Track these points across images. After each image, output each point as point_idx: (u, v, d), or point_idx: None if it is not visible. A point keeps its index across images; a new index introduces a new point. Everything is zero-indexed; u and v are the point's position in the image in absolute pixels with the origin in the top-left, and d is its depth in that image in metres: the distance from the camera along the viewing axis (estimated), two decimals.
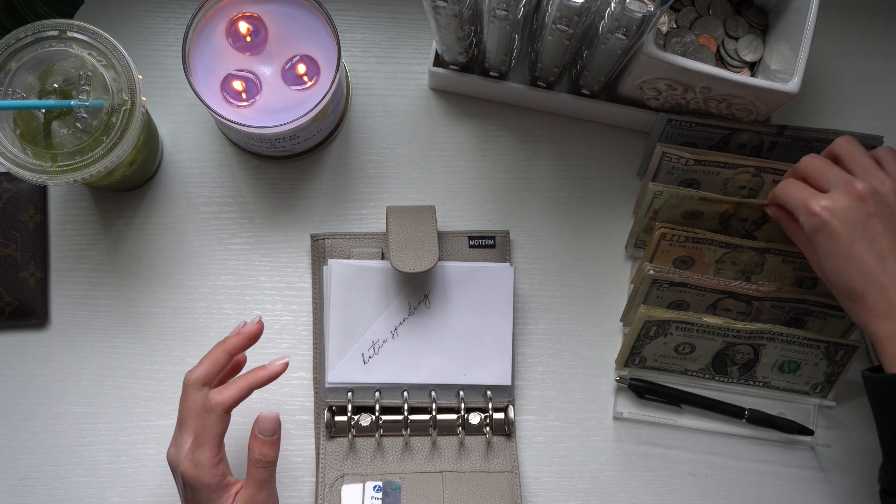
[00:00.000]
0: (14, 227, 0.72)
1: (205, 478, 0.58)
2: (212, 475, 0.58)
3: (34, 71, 0.63)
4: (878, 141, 0.72)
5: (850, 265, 0.59)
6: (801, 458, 0.74)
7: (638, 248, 0.75)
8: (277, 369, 0.61)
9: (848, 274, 0.59)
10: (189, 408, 0.60)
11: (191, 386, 0.60)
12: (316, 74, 0.68)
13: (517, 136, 0.77)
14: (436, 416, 0.70)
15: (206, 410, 0.58)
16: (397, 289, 0.71)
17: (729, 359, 0.72)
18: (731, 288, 0.70)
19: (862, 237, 0.58)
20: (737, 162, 0.71)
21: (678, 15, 0.74)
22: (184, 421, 0.60)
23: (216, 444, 0.59)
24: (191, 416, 0.60)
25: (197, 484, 0.58)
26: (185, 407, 0.60)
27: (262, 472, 0.59)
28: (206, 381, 0.61)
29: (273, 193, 0.75)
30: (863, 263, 0.58)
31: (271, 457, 0.59)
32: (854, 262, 0.59)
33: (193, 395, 0.60)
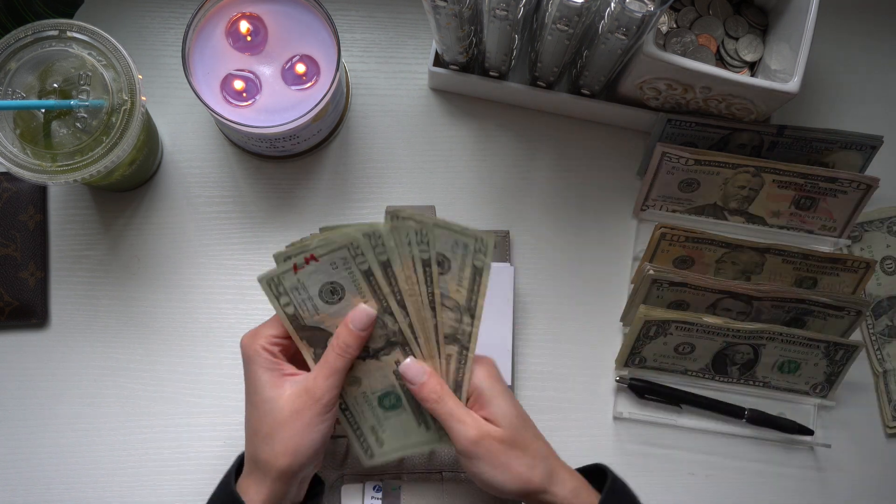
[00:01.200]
0: (14, 227, 0.72)
1: (251, 348, 0.57)
2: (260, 349, 0.57)
3: (34, 71, 0.63)
4: (878, 141, 0.72)
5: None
6: (800, 458, 0.74)
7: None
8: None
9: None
10: None
11: None
12: (316, 74, 0.68)
13: (517, 136, 0.77)
14: None
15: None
16: None
17: (729, 359, 0.72)
18: (731, 288, 0.70)
19: None
20: (737, 162, 0.71)
21: (678, 15, 0.74)
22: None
23: (280, 328, 0.58)
24: None
25: (245, 355, 0.57)
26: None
27: (337, 359, 0.57)
28: None
29: (273, 193, 0.75)
30: None
31: (352, 349, 0.57)
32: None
33: None
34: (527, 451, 0.58)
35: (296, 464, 0.56)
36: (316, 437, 0.56)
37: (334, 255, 0.56)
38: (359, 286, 0.57)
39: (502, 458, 0.57)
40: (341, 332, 0.57)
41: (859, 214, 0.74)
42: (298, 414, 0.56)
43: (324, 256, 0.56)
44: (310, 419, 0.56)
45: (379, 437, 0.62)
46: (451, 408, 0.58)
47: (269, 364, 0.57)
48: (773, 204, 0.74)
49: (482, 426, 0.57)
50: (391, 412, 0.62)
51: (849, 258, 0.72)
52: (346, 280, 0.57)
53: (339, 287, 0.58)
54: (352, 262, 0.57)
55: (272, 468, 0.56)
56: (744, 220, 0.75)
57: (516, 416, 0.58)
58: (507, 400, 0.58)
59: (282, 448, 0.56)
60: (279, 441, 0.56)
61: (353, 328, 0.57)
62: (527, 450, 0.58)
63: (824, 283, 0.73)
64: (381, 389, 0.61)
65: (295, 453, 0.56)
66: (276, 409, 0.56)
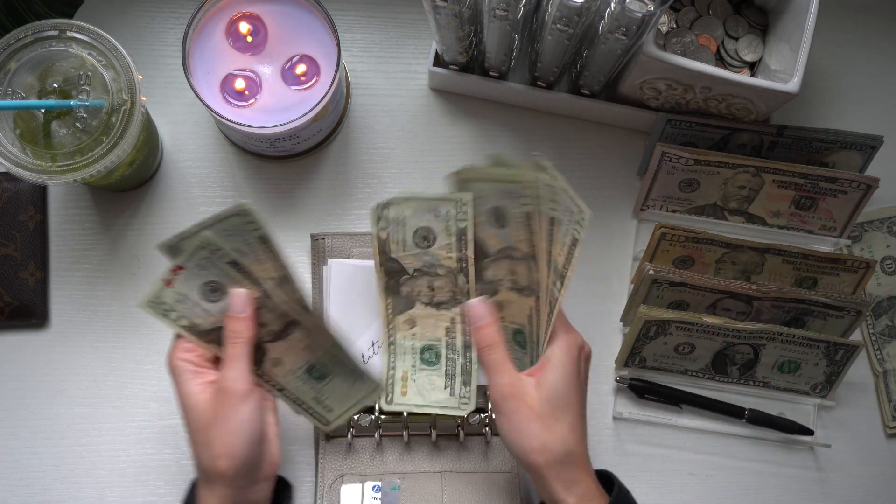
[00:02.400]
0: (14, 227, 0.72)
1: (171, 363, 0.59)
2: (180, 361, 0.58)
3: (34, 71, 0.63)
4: (878, 141, 0.72)
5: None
6: (800, 458, 0.74)
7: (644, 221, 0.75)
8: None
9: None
10: None
11: None
12: (316, 74, 0.68)
13: (517, 136, 0.77)
14: (435, 417, 0.70)
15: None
16: None
17: (729, 359, 0.72)
18: (731, 288, 0.70)
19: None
20: (737, 162, 0.71)
21: (678, 15, 0.74)
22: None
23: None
24: None
25: (170, 371, 0.59)
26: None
27: (233, 347, 0.58)
28: None
29: (273, 193, 0.75)
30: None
31: (242, 333, 0.58)
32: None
33: None
34: (549, 431, 0.57)
35: (235, 464, 0.56)
36: (245, 430, 0.57)
37: (196, 258, 0.59)
38: (231, 276, 0.60)
39: (522, 423, 0.57)
40: (227, 322, 0.59)
41: (859, 214, 0.74)
42: (219, 413, 0.57)
43: (188, 262, 0.59)
44: (230, 415, 0.56)
45: (325, 404, 0.65)
46: (496, 359, 0.60)
47: (192, 374, 0.58)
48: (773, 204, 0.74)
49: (518, 386, 0.58)
50: (321, 382, 0.64)
51: (849, 258, 0.72)
52: (218, 275, 0.60)
53: (217, 284, 0.60)
54: (213, 257, 0.59)
55: (215, 474, 0.56)
56: (744, 220, 0.75)
57: (560, 397, 0.58)
58: (562, 379, 0.58)
59: (217, 451, 0.56)
60: (213, 445, 0.56)
61: (234, 313, 0.59)
62: (550, 431, 0.57)
63: (824, 283, 0.73)
64: (428, 339, 0.66)
65: (231, 454, 0.56)
66: (202, 414, 0.57)
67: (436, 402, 0.66)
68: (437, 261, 0.65)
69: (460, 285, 0.66)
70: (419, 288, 0.66)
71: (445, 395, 0.66)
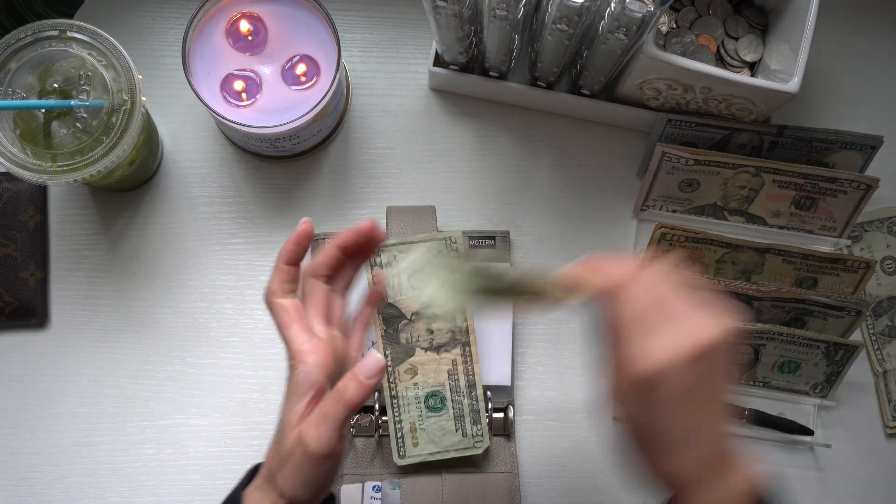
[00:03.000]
0: (14, 227, 0.72)
1: (298, 366, 0.51)
2: (302, 360, 0.51)
3: (34, 71, 0.63)
4: (878, 141, 0.72)
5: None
6: (801, 458, 0.74)
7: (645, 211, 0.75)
8: (299, 232, 0.56)
9: None
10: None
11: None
12: (316, 74, 0.68)
13: (517, 136, 0.77)
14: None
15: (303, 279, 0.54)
16: None
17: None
18: (731, 288, 0.70)
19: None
20: (737, 162, 0.71)
21: (678, 15, 0.74)
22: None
23: (297, 330, 0.52)
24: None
25: (292, 372, 0.51)
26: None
27: (334, 406, 0.49)
28: (314, 273, 0.55)
29: (273, 193, 0.75)
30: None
31: (351, 397, 0.49)
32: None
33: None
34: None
35: (305, 496, 0.50)
36: (319, 482, 0.50)
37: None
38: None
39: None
40: (347, 379, 0.51)
41: (859, 214, 0.74)
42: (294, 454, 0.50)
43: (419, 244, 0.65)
44: (302, 466, 0.50)
45: (416, 436, 0.67)
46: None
47: (301, 328, 0.52)
48: (773, 204, 0.74)
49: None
50: (433, 413, 0.66)
51: (849, 258, 0.72)
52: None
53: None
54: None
55: (284, 491, 0.50)
56: (744, 220, 0.74)
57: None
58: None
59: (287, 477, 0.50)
60: (289, 469, 0.50)
61: (362, 375, 0.50)
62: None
63: (824, 283, 0.73)
64: (431, 386, 0.67)
65: (304, 485, 0.50)
66: (288, 432, 0.50)
67: (449, 445, 0.68)
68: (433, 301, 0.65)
69: (458, 324, 0.67)
70: (418, 332, 0.67)
71: (458, 437, 0.68)
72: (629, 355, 0.47)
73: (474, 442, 0.68)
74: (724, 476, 0.48)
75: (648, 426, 0.48)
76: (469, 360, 0.67)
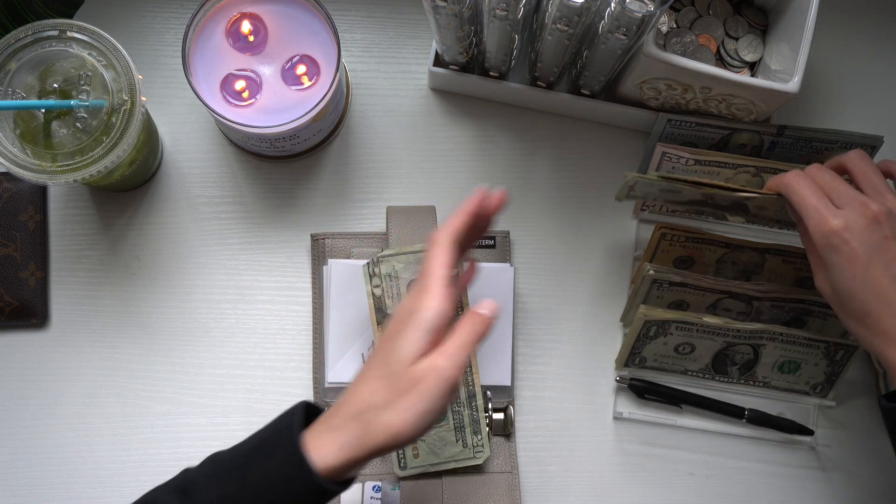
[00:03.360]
0: (14, 227, 0.72)
1: (430, 301, 0.52)
2: (438, 297, 0.52)
3: (34, 71, 0.63)
4: (879, 141, 0.72)
5: (866, 288, 0.57)
6: (801, 458, 0.74)
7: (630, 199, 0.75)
8: (481, 195, 0.57)
9: (863, 296, 0.57)
10: None
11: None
12: (316, 74, 0.68)
13: (517, 136, 0.77)
14: None
15: (429, 247, 0.55)
16: None
17: (729, 359, 0.72)
18: (731, 288, 0.70)
19: (879, 260, 0.57)
20: (737, 162, 0.71)
21: (678, 15, 0.74)
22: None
23: (443, 275, 0.53)
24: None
25: (418, 307, 0.52)
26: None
27: (468, 338, 0.52)
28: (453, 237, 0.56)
29: (273, 193, 0.75)
30: (879, 286, 0.57)
31: (484, 330, 0.52)
32: (870, 284, 0.57)
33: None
34: (853, 318, 0.58)
35: (418, 430, 0.50)
36: (438, 409, 0.51)
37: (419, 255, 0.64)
38: None
39: (837, 313, 0.60)
40: (475, 318, 0.53)
41: None
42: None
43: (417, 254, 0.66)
44: (430, 394, 0.50)
45: (417, 447, 0.67)
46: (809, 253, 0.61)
47: (449, 265, 0.53)
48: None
49: (819, 283, 0.60)
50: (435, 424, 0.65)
51: None
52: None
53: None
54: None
55: (392, 425, 0.50)
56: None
57: (844, 290, 0.58)
58: (836, 274, 0.58)
59: (393, 419, 0.50)
60: (395, 408, 0.50)
61: (489, 312, 0.53)
62: (853, 317, 0.58)
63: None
64: None
65: (423, 416, 0.50)
66: (406, 365, 0.51)
67: (450, 456, 0.68)
68: None
69: None
70: None
71: (458, 447, 0.68)
72: (814, 226, 0.58)
73: (475, 452, 0.68)
74: None
75: (846, 289, 0.58)
76: (469, 371, 0.67)
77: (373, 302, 0.67)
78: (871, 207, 0.58)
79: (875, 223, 0.58)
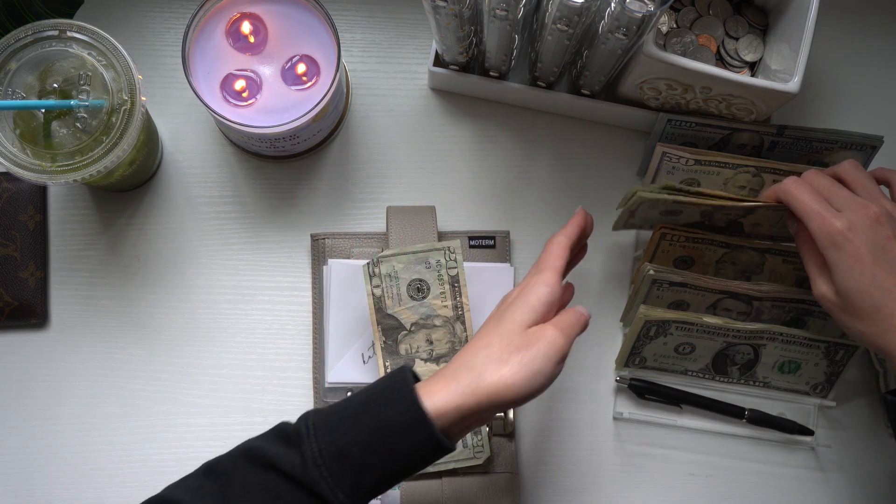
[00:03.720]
0: (14, 227, 0.72)
1: (539, 286, 0.55)
2: (547, 283, 0.55)
3: (34, 71, 0.63)
4: (878, 141, 0.72)
5: (874, 284, 0.58)
6: (801, 458, 0.74)
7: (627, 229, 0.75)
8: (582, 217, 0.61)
9: (872, 293, 0.58)
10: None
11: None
12: (316, 74, 0.68)
13: (517, 136, 0.77)
14: None
15: (546, 245, 0.59)
16: None
17: (729, 359, 0.72)
18: (731, 288, 0.70)
19: (884, 258, 0.58)
20: (737, 162, 0.71)
21: (678, 15, 0.74)
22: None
23: (558, 270, 0.57)
24: None
25: (527, 288, 0.56)
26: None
27: (575, 322, 0.56)
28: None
29: (273, 193, 0.75)
30: (886, 283, 0.58)
31: (585, 321, 0.56)
32: (878, 281, 0.58)
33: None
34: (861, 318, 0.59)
35: (531, 387, 0.53)
36: (551, 373, 0.54)
37: (428, 255, 0.65)
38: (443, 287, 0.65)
39: (840, 317, 0.61)
40: (579, 311, 0.57)
41: None
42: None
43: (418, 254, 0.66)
44: (542, 356, 0.53)
45: None
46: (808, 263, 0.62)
47: (564, 258, 0.57)
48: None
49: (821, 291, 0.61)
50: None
51: None
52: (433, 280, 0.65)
53: (426, 286, 0.65)
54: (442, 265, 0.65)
55: (544, 375, 0.53)
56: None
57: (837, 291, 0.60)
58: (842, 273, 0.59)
59: (515, 372, 0.52)
60: (528, 356, 0.53)
61: (586, 312, 0.57)
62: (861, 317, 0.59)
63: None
64: None
65: (536, 374, 0.53)
66: (523, 329, 0.54)
67: (450, 456, 0.68)
68: (433, 311, 0.67)
69: (458, 334, 0.67)
70: (417, 343, 0.67)
71: (458, 447, 0.68)
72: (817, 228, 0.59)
73: (475, 452, 0.68)
74: None
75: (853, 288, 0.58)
76: None
77: (373, 302, 0.67)
78: (871, 209, 0.59)
79: (877, 223, 0.59)
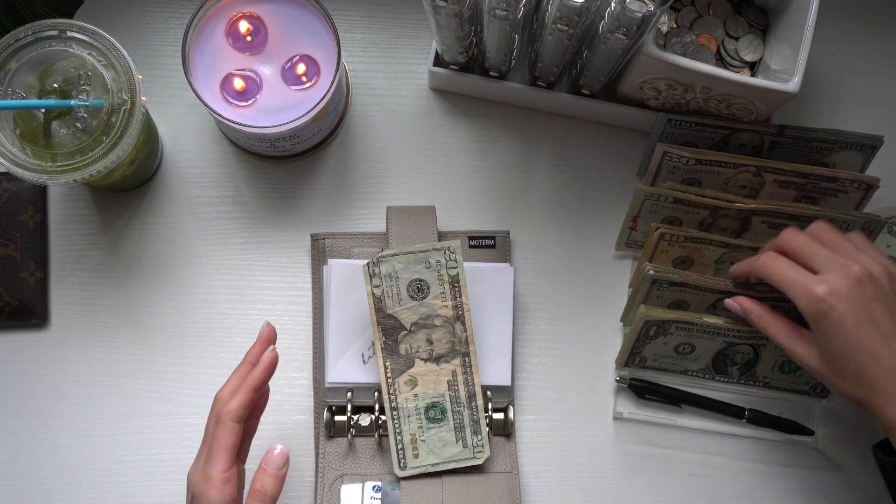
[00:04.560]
0: (14, 227, 0.72)
1: (211, 493, 0.56)
2: (219, 491, 0.56)
3: (34, 71, 0.63)
4: (879, 141, 0.72)
5: (859, 350, 0.58)
6: (801, 458, 0.74)
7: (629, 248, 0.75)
8: (269, 363, 0.60)
9: (858, 359, 0.58)
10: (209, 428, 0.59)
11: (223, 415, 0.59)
12: (316, 74, 0.68)
13: (517, 136, 0.77)
14: None
15: (216, 423, 0.58)
16: None
17: (729, 359, 0.72)
18: (730, 288, 0.70)
19: (867, 321, 0.58)
20: (737, 161, 0.71)
21: (678, 15, 0.74)
22: (205, 440, 0.59)
23: (227, 458, 0.57)
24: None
25: (203, 499, 0.57)
26: (208, 427, 0.60)
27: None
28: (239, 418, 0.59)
29: (273, 193, 0.75)
30: (871, 348, 0.57)
31: (270, 491, 0.58)
32: (863, 346, 0.57)
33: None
34: (846, 380, 0.59)
35: None
36: None
37: (428, 255, 0.66)
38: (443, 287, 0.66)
39: (826, 379, 0.61)
40: (258, 476, 0.58)
41: None
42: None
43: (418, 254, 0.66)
44: None
45: (417, 448, 0.68)
46: (781, 339, 0.63)
47: (232, 447, 0.58)
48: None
49: (803, 359, 0.62)
50: (433, 424, 0.67)
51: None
52: (433, 280, 0.65)
53: (426, 286, 0.65)
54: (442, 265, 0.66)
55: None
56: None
57: (822, 355, 0.60)
58: (827, 341, 0.59)
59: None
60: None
61: (270, 469, 0.58)
62: (846, 380, 0.59)
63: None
64: (431, 397, 0.67)
65: None
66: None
67: (450, 457, 0.68)
68: (433, 311, 0.67)
69: (458, 334, 0.67)
70: (417, 343, 0.67)
71: (458, 448, 0.68)
72: (799, 297, 0.59)
73: (475, 452, 0.68)
74: None
75: (838, 354, 0.59)
76: (469, 371, 0.68)
77: (373, 302, 0.67)
78: (852, 268, 0.59)
79: (858, 283, 0.58)
